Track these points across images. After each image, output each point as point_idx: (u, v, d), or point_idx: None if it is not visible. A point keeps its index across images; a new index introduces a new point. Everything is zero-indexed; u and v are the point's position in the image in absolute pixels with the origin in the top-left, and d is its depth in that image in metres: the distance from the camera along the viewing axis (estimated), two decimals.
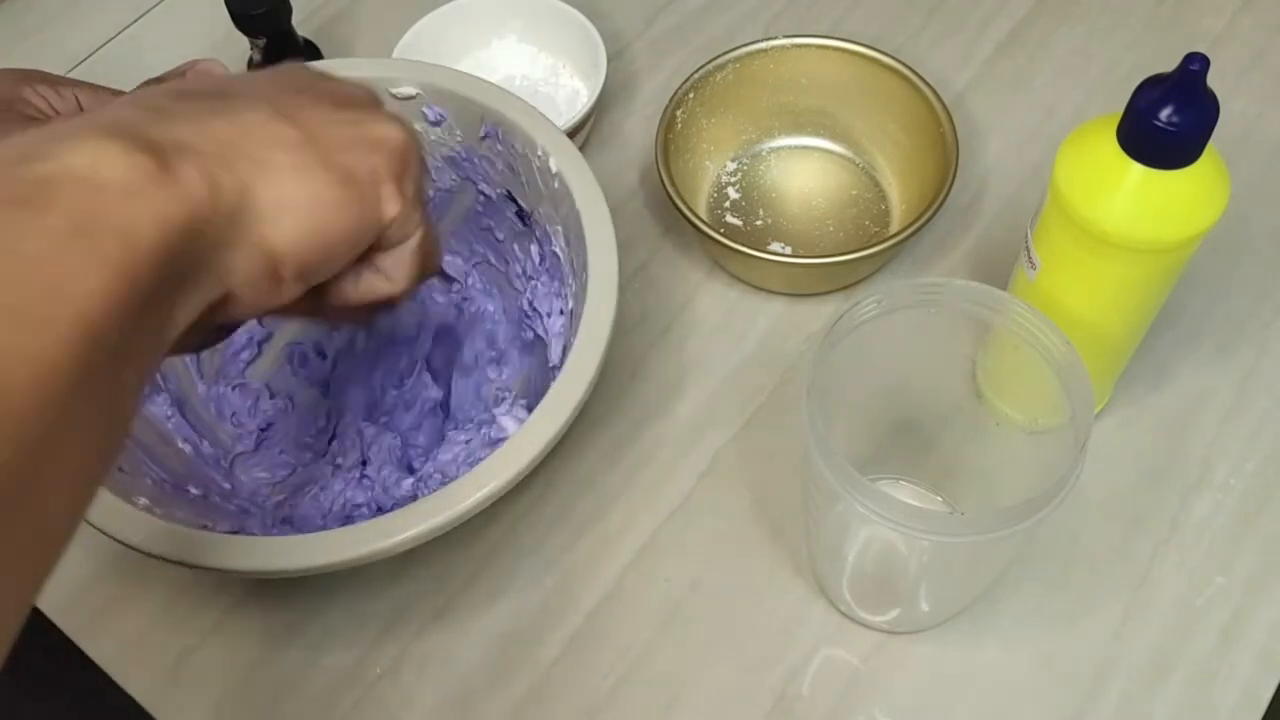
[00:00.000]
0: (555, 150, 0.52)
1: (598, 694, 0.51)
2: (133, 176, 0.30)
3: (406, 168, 0.39)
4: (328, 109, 0.37)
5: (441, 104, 0.55)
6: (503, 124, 0.53)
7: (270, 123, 0.35)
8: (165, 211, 0.31)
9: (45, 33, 0.76)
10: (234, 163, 0.33)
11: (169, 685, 0.52)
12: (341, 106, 0.38)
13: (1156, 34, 0.71)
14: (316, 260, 0.36)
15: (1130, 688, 0.50)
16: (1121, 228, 0.44)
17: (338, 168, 0.36)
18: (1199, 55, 0.41)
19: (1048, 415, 0.45)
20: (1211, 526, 0.54)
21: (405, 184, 0.39)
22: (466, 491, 0.44)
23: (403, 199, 0.38)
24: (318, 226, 0.36)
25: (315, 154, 0.35)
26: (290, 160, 0.35)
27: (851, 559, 0.48)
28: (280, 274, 0.35)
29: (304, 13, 0.74)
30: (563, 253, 0.53)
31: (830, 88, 0.65)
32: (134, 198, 0.30)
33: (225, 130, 0.34)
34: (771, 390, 0.59)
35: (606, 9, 0.73)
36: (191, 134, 0.33)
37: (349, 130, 0.37)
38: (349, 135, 0.37)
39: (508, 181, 0.56)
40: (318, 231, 0.36)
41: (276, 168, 0.34)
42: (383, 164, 0.38)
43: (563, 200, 0.52)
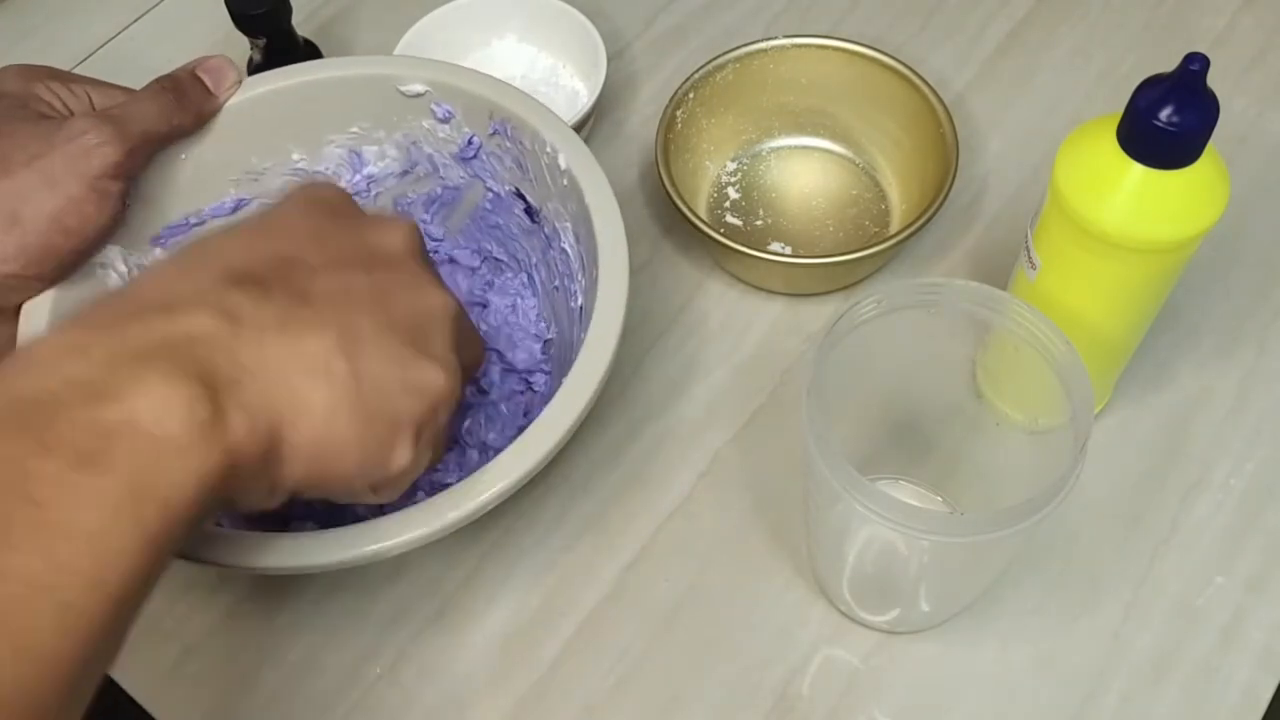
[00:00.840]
0: (564, 146, 0.52)
1: (598, 694, 0.51)
2: (190, 429, 0.32)
3: (435, 416, 0.40)
4: (393, 342, 0.38)
5: (450, 100, 0.55)
6: (511, 120, 0.53)
7: (328, 355, 0.36)
8: (208, 468, 0.32)
9: (46, 32, 0.76)
10: (277, 399, 0.35)
11: (169, 685, 0.52)
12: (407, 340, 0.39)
13: (1156, 34, 0.71)
14: (311, 490, 0.38)
15: (1130, 688, 0.50)
16: (1121, 228, 0.44)
17: (367, 412, 0.37)
18: (1199, 55, 0.41)
19: (1048, 415, 0.45)
20: (1211, 526, 0.54)
21: (425, 433, 0.40)
22: (478, 488, 0.44)
23: (415, 448, 0.39)
24: (324, 467, 0.37)
25: (353, 398, 0.37)
26: (327, 401, 0.36)
27: (851, 559, 0.48)
28: (274, 496, 0.37)
29: (304, 13, 0.74)
30: (572, 249, 0.53)
31: (830, 88, 0.65)
32: (185, 455, 0.32)
33: (283, 360, 0.35)
34: (771, 390, 0.59)
35: (606, 9, 0.73)
36: (254, 360, 0.35)
37: (396, 372, 0.38)
38: (394, 378, 0.38)
39: (516, 178, 0.56)
40: (321, 471, 0.37)
41: (311, 409, 0.36)
42: (412, 411, 0.39)
43: (571, 196, 0.52)
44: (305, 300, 0.37)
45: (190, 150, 0.53)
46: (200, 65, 0.53)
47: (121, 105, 0.49)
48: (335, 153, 0.57)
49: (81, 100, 0.50)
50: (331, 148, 0.57)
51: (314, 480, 0.37)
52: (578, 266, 0.53)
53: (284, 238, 0.40)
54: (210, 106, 0.53)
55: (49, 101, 0.49)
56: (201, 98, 0.53)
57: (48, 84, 0.49)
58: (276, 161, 0.56)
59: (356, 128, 0.56)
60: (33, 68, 0.50)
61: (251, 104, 0.54)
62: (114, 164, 0.47)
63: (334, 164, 0.57)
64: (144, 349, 0.33)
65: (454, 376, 0.40)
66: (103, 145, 0.47)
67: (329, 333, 0.37)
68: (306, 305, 0.37)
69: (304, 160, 0.57)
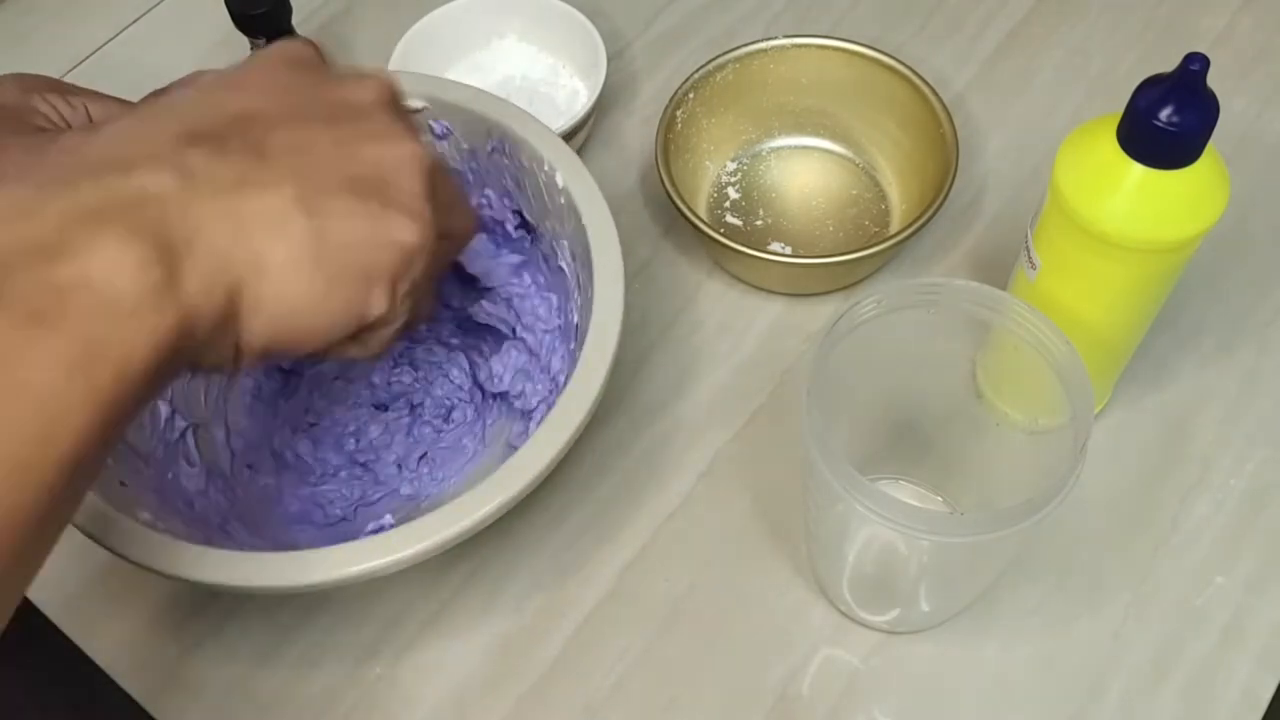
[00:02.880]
0: (561, 165, 0.51)
1: (598, 694, 0.51)
2: (143, 290, 0.31)
3: (409, 268, 0.39)
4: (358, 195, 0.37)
5: (448, 117, 0.54)
6: (509, 138, 0.53)
7: (286, 211, 0.35)
8: (162, 331, 0.32)
9: (45, 33, 0.76)
10: (234, 258, 0.34)
11: (169, 685, 0.52)
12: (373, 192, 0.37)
13: (1156, 34, 0.71)
14: (280, 350, 0.37)
15: (1130, 688, 0.50)
16: (1121, 228, 0.44)
17: (333, 266, 0.36)
18: (1199, 55, 0.41)
19: (1048, 415, 0.45)
20: (1211, 526, 0.54)
21: (402, 283, 0.39)
22: (472, 507, 0.44)
23: (392, 298, 0.38)
24: (291, 324, 0.36)
25: (316, 250, 0.36)
26: (287, 258, 0.35)
27: (851, 559, 0.48)
28: (241, 358, 0.36)
29: (304, 13, 0.74)
30: (568, 268, 0.53)
31: (830, 88, 0.65)
32: (138, 317, 0.31)
33: (238, 217, 0.34)
34: (771, 390, 0.59)
35: (606, 9, 0.73)
36: (209, 218, 0.34)
37: (365, 226, 0.37)
38: (362, 231, 0.37)
39: (514, 196, 0.55)
40: (290, 328, 0.36)
41: (271, 268, 0.35)
42: (385, 263, 0.38)
43: (569, 216, 0.51)
44: (262, 156, 0.36)
45: None
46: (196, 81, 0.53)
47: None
48: None
49: (79, 113, 0.49)
50: None
51: (283, 339, 0.36)
52: (574, 285, 0.53)
53: (244, 92, 0.39)
54: None
55: (46, 114, 0.48)
56: None
57: (45, 96, 0.48)
58: None
59: None
60: (31, 78, 0.49)
61: None
62: None
63: None
64: (97, 207, 0.32)
65: (427, 226, 0.39)
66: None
67: (286, 188, 0.35)
68: (263, 161, 0.36)
69: None
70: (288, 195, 0.35)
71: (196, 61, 0.57)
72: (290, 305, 0.36)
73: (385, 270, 0.38)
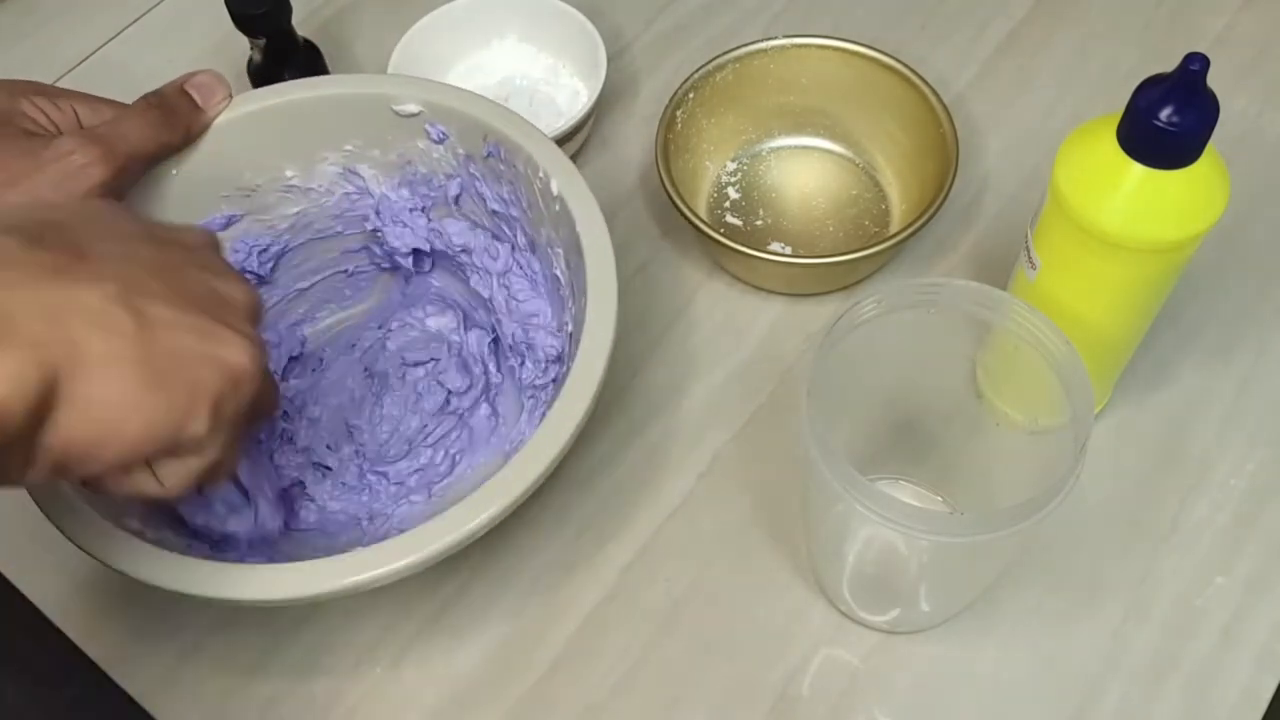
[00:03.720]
0: (556, 172, 0.51)
1: (598, 694, 0.51)
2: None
3: (235, 392, 0.37)
4: (186, 309, 0.35)
5: (444, 121, 0.54)
6: (505, 143, 0.53)
7: (109, 305, 0.33)
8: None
9: (44, 34, 0.76)
10: (50, 348, 0.31)
11: (169, 685, 0.52)
12: (204, 310, 0.36)
13: (1156, 34, 0.71)
14: (80, 456, 0.34)
15: (1130, 688, 0.50)
16: (1121, 228, 0.44)
17: (156, 370, 0.34)
18: (1199, 55, 0.41)
19: (1048, 415, 0.45)
20: (1211, 527, 0.54)
21: (225, 407, 0.36)
22: (467, 515, 0.44)
23: (213, 422, 0.36)
24: (95, 431, 0.33)
25: (138, 350, 0.33)
26: (107, 352, 0.33)
27: (851, 559, 0.48)
28: (31, 465, 0.33)
29: (304, 13, 0.74)
30: (563, 275, 0.53)
31: (830, 88, 0.65)
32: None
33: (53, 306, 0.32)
34: (771, 390, 0.59)
35: (606, 9, 0.73)
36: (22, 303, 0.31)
37: (193, 341, 0.35)
38: (190, 345, 0.35)
39: (510, 202, 0.55)
40: (91, 436, 0.33)
41: (88, 361, 0.32)
42: (212, 382, 0.36)
43: (563, 223, 0.51)
44: (82, 256, 0.33)
45: (181, 166, 0.53)
46: (189, 81, 0.52)
47: (109, 124, 0.48)
48: (329, 170, 0.57)
49: (68, 116, 0.48)
50: (325, 165, 0.56)
51: (87, 445, 0.33)
52: (568, 294, 0.53)
53: (67, 212, 0.37)
54: (199, 123, 0.52)
55: (34, 118, 0.47)
56: (190, 114, 0.52)
57: (33, 100, 0.48)
58: (269, 178, 0.56)
59: (350, 146, 0.56)
60: (18, 83, 0.49)
61: (244, 121, 0.54)
62: (101, 184, 0.46)
63: (328, 181, 0.57)
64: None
65: (260, 354, 0.37)
66: (90, 166, 0.46)
67: (109, 284, 0.33)
68: (83, 260, 0.33)
69: (297, 177, 0.56)
70: (109, 291, 0.33)
71: (196, 61, 0.57)
72: (105, 402, 0.33)
73: (211, 389, 0.36)
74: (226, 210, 0.55)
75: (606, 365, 0.47)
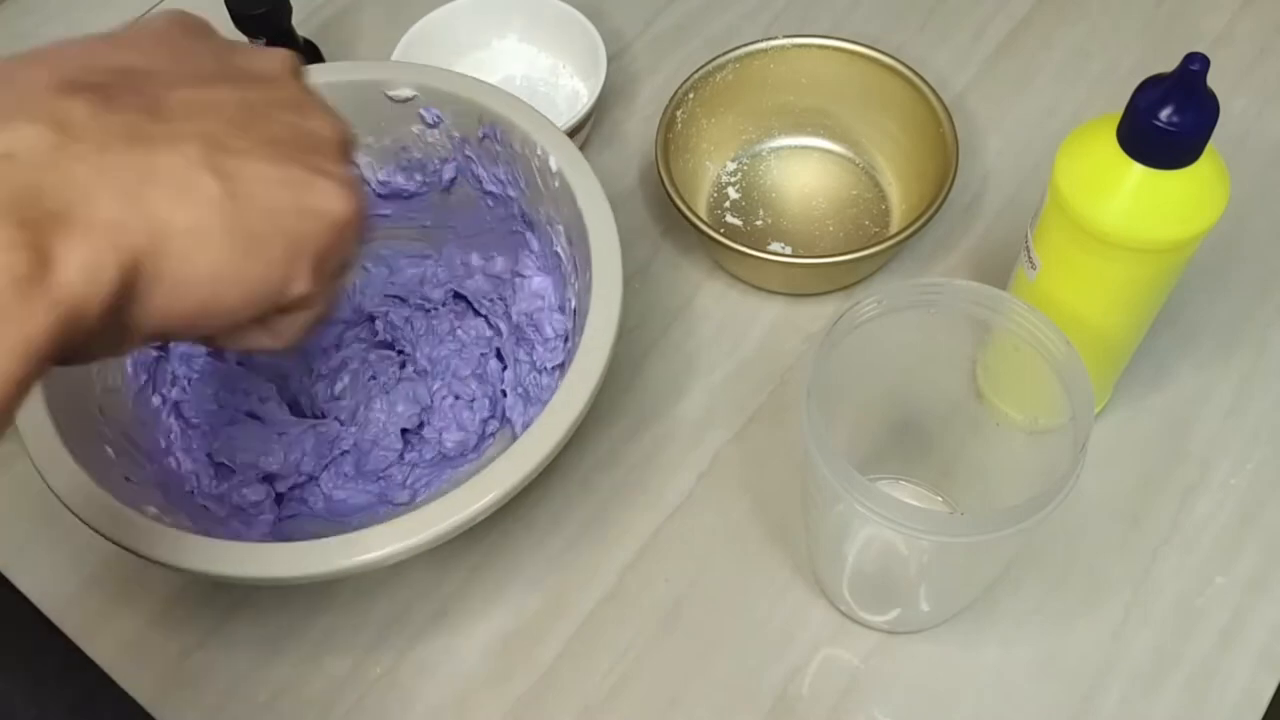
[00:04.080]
0: (555, 149, 0.51)
1: (598, 694, 0.51)
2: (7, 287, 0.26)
3: (337, 244, 0.34)
4: (275, 160, 0.32)
5: (439, 105, 0.54)
6: (501, 124, 0.53)
7: (191, 171, 0.30)
8: (33, 337, 0.27)
9: (45, 33, 0.76)
10: (127, 226, 0.29)
11: (169, 685, 0.52)
12: (294, 158, 0.33)
13: (1156, 34, 0.71)
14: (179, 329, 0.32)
15: (1130, 688, 0.50)
16: (1121, 228, 0.44)
17: (250, 234, 0.31)
18: (1199, 55, 0.41)
19: (1048, 415, 0.45)
20: (1211, 526, 0.54)
21: (327, 261, 0.34)
22: (472, 497, 0.44)
23: (316, 278, 0.34)
24: (192, 306, 0.31)
25: (228, 217, 0.31)
26: (194, 222, 0.30)
27: (851, 559, 0.48)
28: (130, 340, 0.31)
29: (304, 13, 0.74)
30: (564, 252, 0.53)
31: (830, 88, 0.65)
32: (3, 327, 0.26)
33: (132, 176, 0.29)
34: (771, 390, 0.59)
35: (606, 9, 0.73)
36: (95, 179, 0.28)
37: (285, 195, 0.32)
38: (283, 200, 0.32)
39: (508, 183, 0.55)
40: (189, 311, 0.31)
41: (175, 236, 0.30)
42: (310, 237, 0.33)
43: (564, 199, 0.51)
44: (157, 112, 0.30)
45: None
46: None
47: None
48: None
49: None
50: None
51: (187, 318, 0.31)
52: (570, 270, 0.53)
53: (133, 49, 0.33)
54: None
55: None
56: None
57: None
58: None
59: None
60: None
61: None
62: None
63: None
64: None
65: (360, 198, 0.34)
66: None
67: (190, 145, 0.30)
68: (159, 118, 0.30)
69: None
70: (191, 155, 0.30)
71: None
72: (196, 279, 0.30)
73: (312, 243, 0.33)
74: None
75: (616, 334, 0.47)
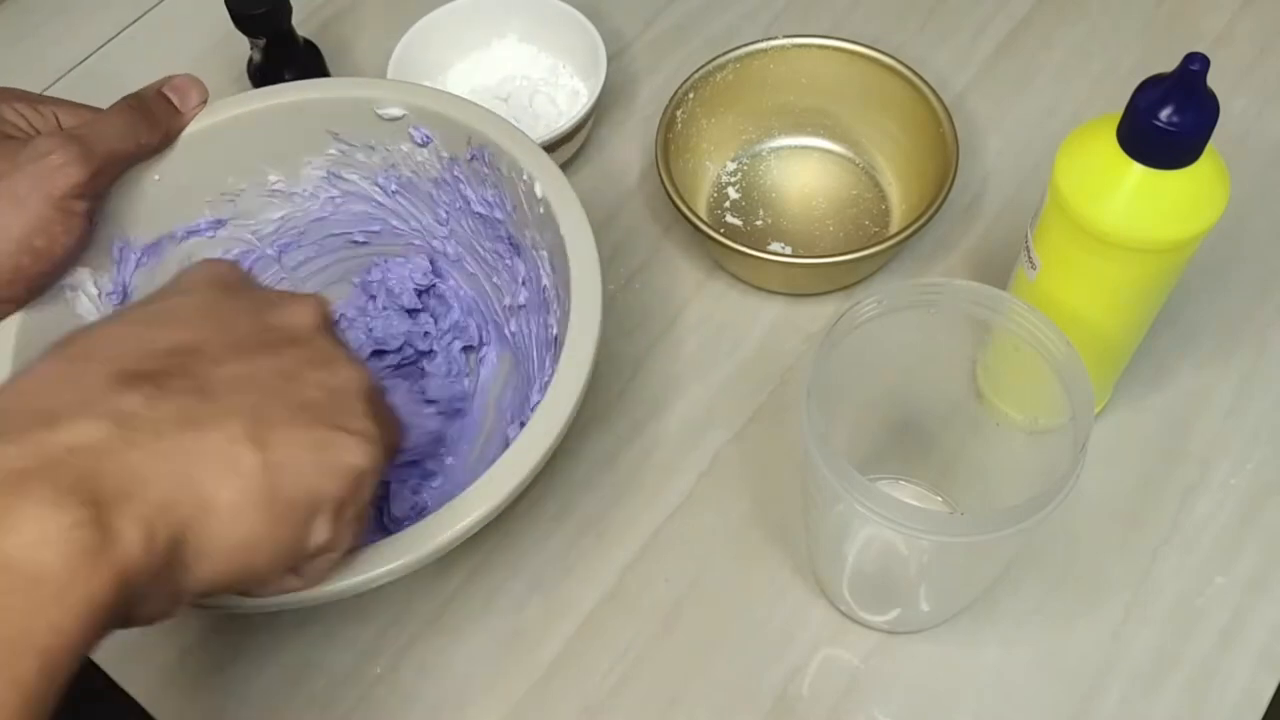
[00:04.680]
0: (540, 175, 0.51)
1: (598, 694, 0.51)
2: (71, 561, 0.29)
3: (358, 492, 0.38)
4: (306, 425, 0.36)
5: (428, 125, 0.54)
6: (488, 146, 0.53)
7: (233, 449, 0.34)
8: (96, 597, 0.30)
9: (45, 33, 0.76)
10: (178, 505, 0.33)
11: (169, 685, 0.52)
12: (321, 419, 0.37)
13: (1156, 34, 0.71)
14: (222, 588, 0.36)
15: (1130, 688, 0.50)
16: (1121, 228, 0.44)
17: (281, 506, 0.35)
18: (1199, 55, 0.41)
19: (1048, 415, 0.45)
20: (1211, 526, 0.54)
21: (346, 510, 0.38)
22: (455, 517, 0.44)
23: (336, 526, 0.37)
24: (232, 570, 0.35)
25: (265, 488, 0.35)
26: (235, 497, 0.34)
27: (851, 559, 0.48)
28: (178, 603, 0.35)
29: (304, 13, 0.74)
30: (548, 278, 0.53)
31: (830, 88, 0.65)
32: (66, 592, 0.29)
33: (181, 461, 0.33)
34: (771, 390, 0.59)
35: (606, 9, 0.73)
36: (149, 466, 0.32)
37: (312, 456, 0.36)
38: (310, 463, 0.36)
39: (495, 205, 0.55)
40: (229, 574, 0.35)
41: (218, 510, 0.34)
42: (332, 490, 0.37)
43: (547, 225, 0.51)
44: (205, 393, 0.35)
45: (165, 171, 0.53)
46: (166, 84, 0.52)
47: (87, 124, 0.49)
48: (314, 174, 0.56)
49: (48, 121, 0.49)
50: (310, 169, 0.56)
51: (226, 580, 0.35)
52: (553, 296, 0.53)
53: (179, 324, 0.38)
54: (177, 124, 0.52)
55: (14, 123, 0.48)
56: (168, 116, 0.52)
57: (14, 105, 0.48)
58: (253, 183, 0.56)
59: (334, 150, 0.56)
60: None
61: (227, 125, 0.53)
62: (79, 183, 0.46)
63: (312, 185, 0.57)
64: (18, 472, 0.30)
65: (376, 447, 0.38)
66: (67, 165, 0.46)
67: (234, 423, 0.35)
68: (208, 398, 0.35)
69: (281, 182, 0.56)
70: (236, 432, 0.34)
71: (196, 61, 0.57)
72: (237, 546, 0.34)
73: (331, 497, 0.37)
74: (210, 215, 0.55)
75: (590, 372, 0.47)
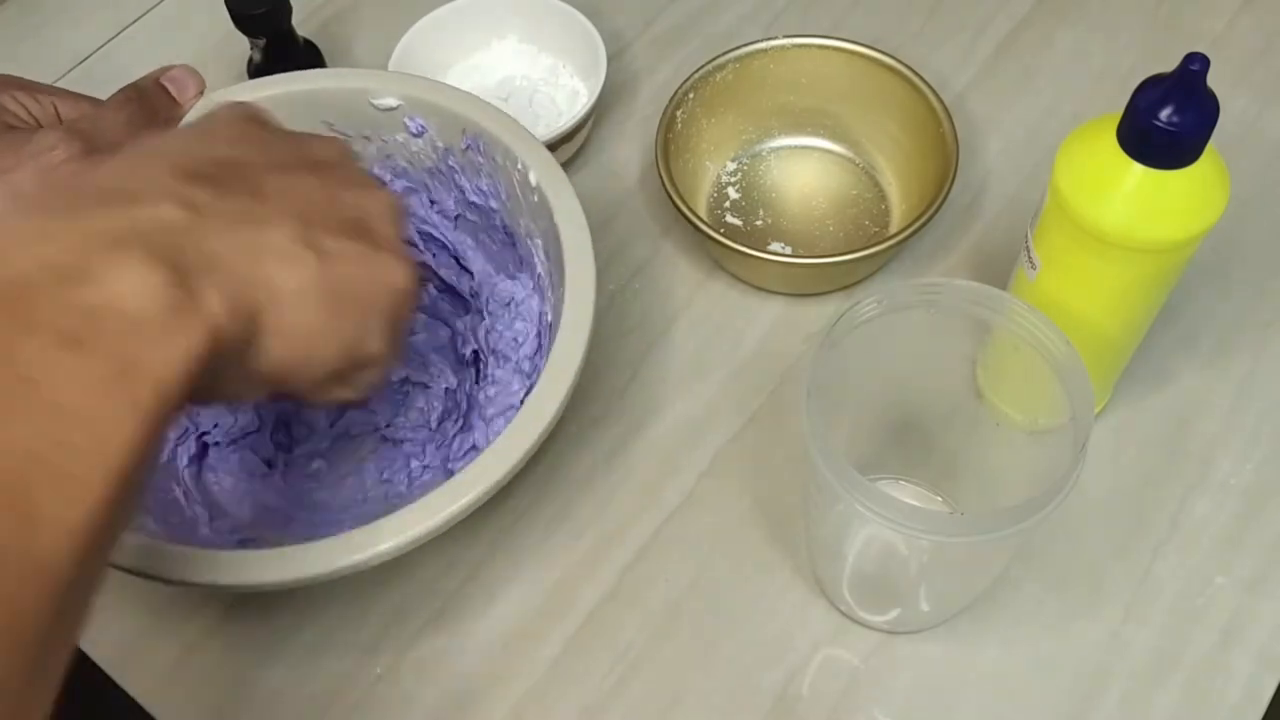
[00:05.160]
0: (534, 163, 0.52)
1: (598, 694, 0.51)
2: (169, 310, 0.32)
3: (402, 309, 0.40)
4: (350, 237, 0.39)
5: (423, 115, 0.54)
6: (483, 136, 0.53)
7: (292, 247, 0.37)
8: (192, 347, 0.32)
9: (46, 32, 0.76)
10: (250, 286, 0.35)
11: (169, 685, 0.52)
12: (362, 234, 0.39)
13: (1156, 34, 0.71)
14: (286, 378, 0.38)
15: (1130, 688, 0.50)
16: (1121, 228, 0.44)
17: (339, 301, 0.38)
18: (1199, 55, 0.41)
19: (1048, 415, 0.45)
20: (1212, 526, 0.54)
21: (397, 324, 0.41)
22: (442, 503, 0.44)
23: (388, 337, 0.40)
24: (299, 354, 0.37)
25: (323, 286, 0.37)
26: (298, 288, 0.36)
27: (851, 559, 0.48)
28: (252, 386, 0.37)
29: (304, 12, 0.74)
30: (542, 265, 0.53)
31: (830, 88, 0.65)
32: (169, 335, 0.32)
33: (249, 248, 0.35)
34: (771, 390, 0.59)
35: (606, 9, 0.73)
36: (222, 248, 0.35)
37: (360, 269, 0.39)
38: (359, 273, 0.39)
39: (490, 194, 0.55)
40: (297, 358, 0.37)
41: (284, 295, 0.36)
42: (383, 304, 0.39)
43: (541, 214, 0.51)
44: (260, 196, 0.37)
45: None
46: (164, 75, 0.53)
47: (88, 117, 0.49)
48: None
49: (48, 110, 0.49)
50: None
51: (292, 364, 0.37)
52: (548, 284, 0.53)
53: (222, 142, 0.40)
54: (176, 115, 0.53)
55: (15, 112, 0.48)
56: (167, 106, 0.53)
57: (14, 94, 0.49)
58: None
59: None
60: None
61: None
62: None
63: None
64: (114, 233, 0.32)
65: (413, 269, 0.41)
66: (71, 160, 0.46)
67: (289, 225, 0.37)
68: (261, 201, 0.37)
69: None
70: (291, 233, 0.37)
71: (197, 61, 0.57)
72: (302, 332, 0.37)
73: (383, 310, 0.39)
74: None
75: (584, 356, 0.47)
